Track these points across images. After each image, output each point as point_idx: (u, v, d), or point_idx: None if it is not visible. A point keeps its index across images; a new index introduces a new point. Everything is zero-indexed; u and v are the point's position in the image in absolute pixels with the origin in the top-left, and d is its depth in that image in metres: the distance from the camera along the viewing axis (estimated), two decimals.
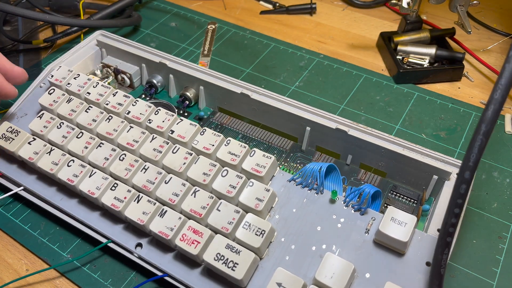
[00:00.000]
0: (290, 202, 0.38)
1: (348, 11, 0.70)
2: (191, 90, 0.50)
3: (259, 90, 0.46)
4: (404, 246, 0.34)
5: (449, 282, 0.38)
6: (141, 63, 0.52)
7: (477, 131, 0.26)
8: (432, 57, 0.56)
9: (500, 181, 0.45)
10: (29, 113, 0.49)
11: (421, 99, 0.54)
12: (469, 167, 0.26)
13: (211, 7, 0.71)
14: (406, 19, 0.59)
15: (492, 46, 0.61)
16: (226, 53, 0.62)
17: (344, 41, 0.64)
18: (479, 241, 0.40)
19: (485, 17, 0.67)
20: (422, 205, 0.39)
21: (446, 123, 0.51)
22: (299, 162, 0.44)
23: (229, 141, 0.41)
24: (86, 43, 0.54)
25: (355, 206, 0.37)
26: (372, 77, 0.58)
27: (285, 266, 0.34)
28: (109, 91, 0.47)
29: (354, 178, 0.43)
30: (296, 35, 0.65)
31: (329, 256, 0.33)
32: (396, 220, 0.34)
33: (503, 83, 0.25)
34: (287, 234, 0.36)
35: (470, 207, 0.43)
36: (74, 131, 0.44)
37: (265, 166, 0.39)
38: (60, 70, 0.49)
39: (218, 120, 0.49)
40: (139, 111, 0.45)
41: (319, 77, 0.58)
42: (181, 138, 0.42)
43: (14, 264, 0.41)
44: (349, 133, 0.41)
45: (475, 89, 0.56)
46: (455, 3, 0.53)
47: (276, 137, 0.46)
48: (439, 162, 0.39)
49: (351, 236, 0.36)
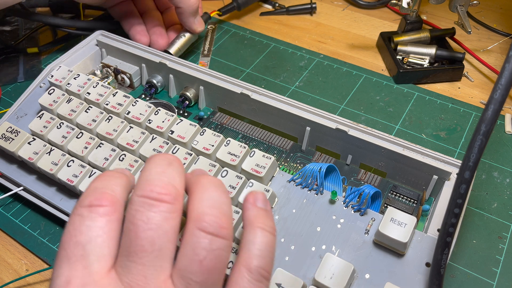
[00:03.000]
0: (289, 202, 0.38)
1: (348, 11, 0.70)
2: (191, 90, 0.50)
3: (259, 90, 0.46)
4: (403, 246, 0.34)
5: (449, 282, 0.38)
6: (141, 63, 0.52)
7: (477, 131, 0.26)
8: (432, 57, 0.56)
9: (500, 181, 0.45)
10: (29, 113, 0.49)
11: (421, 99, 0.54)
12: (469, 167, 0.26)
13: (211, 7, 0.71)
14: (406, 19, 0.59)
15: (492, 46, 0.61)
16: (226, 53, 0.62)
17: (344, 41, 0.64)
18: (479, 241, 0.40)
19: (485, 17, 0.67)
20: (422, 205, 0.39)
21: (446, 123, 0.51)
22: (299, 162, 0.44)
23: (229, 142, 0.41)
24: (86, 43, 0.54)
25: (355, 207, 0.37)
26: (372, 77, 0.58)
27: (285, 267, 0.34)
28: (109, 91, 0.47)
29: (354, 178, 0.43)
30: (296, 35, 0.65)
31: (329, 256, 0.33)
32: (395, 220, 0.34)
33: (503, 83, 0.25)
34: (287, 234, 0.36)
35: (470, 207, 0.43)
36: (74, 131, 0.44)
37: (265, 166, 0.39)
38: (60, 70, 0.49)
39: (218, 120, 0.49)
40: (139, 111, 0.45)
41: (319, 77, 0.58)
42: (181, 138, 0.42)
43: (14, 264, 0.41)
44: (349, 133, 0.41)
45: (475, 89, 0.56)
46: (455, 3, 0.53)
47: (276, 137, 0.46)
48: (439, 162, 0.39)
49: (351, 236, 0.36)
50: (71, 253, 0.25)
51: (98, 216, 0.26)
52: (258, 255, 0.27)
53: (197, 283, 0.25)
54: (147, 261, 0.25)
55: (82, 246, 0.25)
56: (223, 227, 0.26)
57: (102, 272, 0.25)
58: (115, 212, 0.26)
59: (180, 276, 0.25)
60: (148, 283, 0.24)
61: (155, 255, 0.25)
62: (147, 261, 0.25)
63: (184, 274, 0.25)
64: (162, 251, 0.25)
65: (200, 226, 0.26)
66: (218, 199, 0.27)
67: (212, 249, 0.25)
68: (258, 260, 0.27)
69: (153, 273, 0.25)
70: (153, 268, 0.25)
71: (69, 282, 0.24)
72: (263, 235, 0.28)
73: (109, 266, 0.25)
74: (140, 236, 0.25)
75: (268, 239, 0.28)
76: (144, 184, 0.26)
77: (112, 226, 0.26)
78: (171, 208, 0.26)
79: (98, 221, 0.25)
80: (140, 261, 0.25)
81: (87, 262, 0.24)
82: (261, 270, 0.27)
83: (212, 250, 0.25)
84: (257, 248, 0.27)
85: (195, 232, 0.25)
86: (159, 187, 0.26)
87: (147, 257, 0.25)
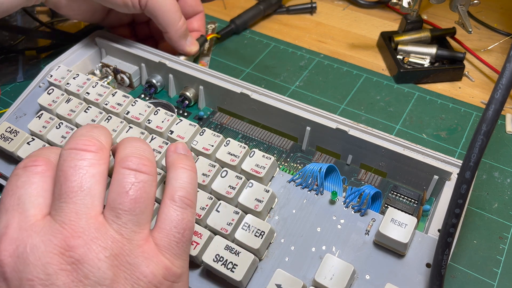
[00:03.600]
0: (289, 203, 0.38)
1: (348, 10, 0.70)
2: (190, 90, 0.50)
3: (259, 90, 0.45)
4: (404, 247, 0.33)
5: (450, 283, 0.38)
6: (140, 62, 0.52)
7: (478, 131, 0.25)
8: (433, 56, 0.56)
9: (501, 181, 0.45)
10: (28, 113, 0.48)
11: (422, 99, 0.54)
12: (470, 167, 0.26)
13: (211, 7, 0.71)
14: (406, 19, 0.59)
15: (493, 46, 0.61)
16: (226, 52, 0.62)
17: (345, 41, 0.64)
18: (480, 242, 0.40)
19: (485, 16, 0.66)
20: (423, 205, 0.39)
21: (446, 123, 0.51)
22: (299, 162, 0.44)
23: (229, 142, 0.41)
24: (86, 43, 0.54)
25: (355, 207, 0.37)
26: (373, 77, 0.57)
27: (285, 268, 0.34)
28: (108, 91, 0.47)
29: (354, 178, 0.42)
30: (296, 34, 0.65)
31: (329, 257, 0.33)
32: (396, 221, 0.34)
33: (504, 83, 0.25)
34: (287, 235, 0.36)
35: (471, 207, 0.43)
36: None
37: (265, 166, 0.39)
38: (59, 70, 0.49)
39: (218, 120, 0.49)
40: (138, 111, 0.45)
41: (319, 77, 0.58)
42: (181, 138, 0.42)
43: None
44: (350, 133, 0.41)
45: (475, 89, 0.56)
46: (456, 2, 0.53)
47: (276, 137, 0.46)
48: (440, 162, 0.39)
49: (351, 237, 0.35)
50: (8, 204, 0.28)
51: (32, 174, 0.29)
52: (181, 187, 0.31)
53: (125, 212, 0.28)
54: (77, 200, 0.27)
55: (17, 197, 0.28)
56: (145, 165, 0.30)
57: (38, 217, 0.27)
58: (48, 171, 0.29)
59: (110, 209, 0.28)
60: (80, 218, 0.27)
61: (84, 193, 0.27)
62: (77, 199, 0.27)
63: (113, 205, 0.28)
64: (91, 191, 0.27)
65: (124, 165, 0.29)
66: (139, 146, 0.31)
67: (136, 181, 0.29)
68: (180, 191, 0.31)
69: (84, 210, 0.27)
70: (84, 206, 0.27)
71: (7, 226, 0.27)
72: (184, 171, 0.32)
73: (44, 213, 0.28)
74: (69, 179, 0.27)
75: (188, 174, 0.32)
76: (71, 139, 0.30)
77: (46, 180, 0.29)
78: (96, 156, 0.29)
79: (32, 177, 0.29)
80: (71, 200, 0.27)
81: (22, 209, 0.27)
82: (184, 199, 0.31)
83: (137, 183, 0.29)
84: (179, 182, 0.31)
85: (120, 171, 0.29)
86: (84, 139, 0.29)
87: (77, 196, 0.27)
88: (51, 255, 0.25)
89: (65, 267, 0.25)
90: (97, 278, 0.26)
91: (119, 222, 0.28)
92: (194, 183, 0.32)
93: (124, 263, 0.27)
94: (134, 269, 0.27)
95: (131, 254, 0.27)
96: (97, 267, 0.26)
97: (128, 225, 0.28)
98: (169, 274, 0.29)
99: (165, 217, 0.30)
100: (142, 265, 0.28)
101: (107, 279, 0.26)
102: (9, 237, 0.26)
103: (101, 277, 0.26)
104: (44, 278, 0.25)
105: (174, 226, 0.30)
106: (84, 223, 0.27)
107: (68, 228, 0.26)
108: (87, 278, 0.25)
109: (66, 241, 0.26)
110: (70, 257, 0.25)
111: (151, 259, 0.28)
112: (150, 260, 0.28)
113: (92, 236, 0.26)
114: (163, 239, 0.29)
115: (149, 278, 0.27)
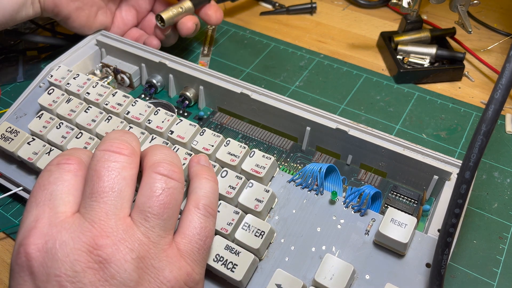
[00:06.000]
0: (289, 203, 0.38)
1: (348, 10, 0.70)
2: (191, 90, 0.50)
3: (259, 90, 0.46)
4: (404, 247, 0.33)
5: (450, 283, 0.38)
6: (140, 63, 0.52)
7: (478, 131, 0.26)
8: (433, 57, 0.56)
9: (501, 181, 0.45)
10: (28, 113, 0.48)
11: (422, 99, 0.54)
12: (470, 167, 0.26)
13: None
14: (406, 19, 0.59)
15: (492, 46, 0.61)
16: (226, 53, 0.62)
17: (345, 41, 0.64)
18: (480, 242, 0.40)
19: (485, 16, 0.66)
20: (423, 205, 0.39)
21: (446, 123, 0.51)
22: (299, 162, 0.44)
23: (229, 142, 0.41)
24: (86, 43, 0.54)
25: (355, 207, 0.37)
26: (372, 77, 0.57)
27: (285, 267, 0.34)
28: (108, 91, 0.47)
29: (354, 178, 0.42)
30: (296, 34, 0.65)
31: (329, 257, 0.33)
32: (396, 221, 0.34)
33: (504, 83, 0.25)
34: (287, 235, 0.36)
35: (471, 207, 0.43)
36: (74, 132, 0.44)
37: (265, 167, 0.39)
38: (60, 70, 0.49)
39: (218, 120, 0.49)
40: (138, 111, 0.45)
41: (319, 77, 0.58)
42: (181, 138, 0.42)
43: None
44: (349, 133, 0.41)
45: (475, 89, 0.56)
46: (456, 2, 0.53)
47: (276, 137, 0.46)
48: (440, 162, 0.39)
49: (351, 237, 0.36)
50: (39, 198, 0.28)
51: (65, 171, 0.29)
52: (205, 196, 0.32)
53: (154, 215, 0.28)
54: (108, 200, 0.27)
55: (49, 192, 0.28)
56: (175, 172, 0.30)
57: (67, 214, 0.27)
58: (80, 170, 0.30)
59: (139, 211, 0.28)
60: (109, 218, 0.27)
61: (115, 195, 0.28)
62: (108, 200, 0.27)
63: (142, 208, 0.28)
64: (121, 193, 0.28)
65: (156, 170, 0.29)
66: (169, 154, 0.32)
67: (166, 187, 0.29)
68: (204, 199, 0.32)
69: (114, 210, 0.27)
70: (114, 206, 0.27)
71: (37, 220, 0.27)
72: (208, 181, 0.33)
73: (73, 210, 0.28)
74: (102, 179, 0.28)
75: (212, 185, 0.33)
76: (105, 141, 0.30)
77: (77, 179, 0.29)
78: (128, 160, 0.29)
79: (65, 175, 0.29)
80: (102, 200, 0.27)
81: (53, 204, 0.28)
82: (207, 208, 0.31)
83: (167, 188, 0.29)
84: (203, 191, 0.32)
85: (152, 175, 0.29)
86: (118, 142, 0.30)
87: (108, 197, 0.27)
88: (79, 253, 0.25)
89: (92, 265, 0.25)
90: (123, 279, 0.26)
91: (146, 225, 0.28)
92: (216, 194, 0.33)
93: (149, 266, 0.27)
94: (158, 273, 0.27)
95: (156, 258, 0.28)
96: (124, 268, 0.26)
97: (156, 229, 0.28)
98: (189, 280, 0.29)
99: (189, 223, 0.30)
100: (166, 270, 0.28)
101: (133, 281, 0.26)
102: (39, 231, 0.26)
103: (127, 279, 0.26)
104: (71, 275, 0.25)
105: (198, 233, 0.30)
106: (113, 223, 0.27)
107: (97, 227, 0.26)
108: (113, 278, 0.25)
109: (94, 239, 0.26)
110: (98, 256, 0.26)
111: (174, 264, 0.28)
112: (173, 265, 0.28)
113: (120, 237, 0.27)
114: (186, 245, 0.30)
115: (172, 283, 0.28)
